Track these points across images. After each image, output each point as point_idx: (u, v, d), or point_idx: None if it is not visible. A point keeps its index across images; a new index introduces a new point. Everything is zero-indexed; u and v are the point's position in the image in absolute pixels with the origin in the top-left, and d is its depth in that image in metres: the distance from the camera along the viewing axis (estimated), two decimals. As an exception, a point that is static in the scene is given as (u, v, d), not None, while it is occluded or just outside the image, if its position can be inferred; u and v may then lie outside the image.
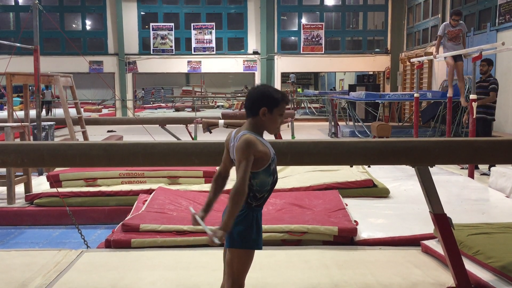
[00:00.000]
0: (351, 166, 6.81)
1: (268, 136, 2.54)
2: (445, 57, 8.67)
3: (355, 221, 4.50)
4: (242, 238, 2.32)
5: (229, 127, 7.94)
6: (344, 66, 21.76)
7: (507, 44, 7.70)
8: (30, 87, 10.49)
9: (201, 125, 8.41)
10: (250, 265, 2.40)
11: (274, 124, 2.39)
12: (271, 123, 2.37)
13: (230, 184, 2.42)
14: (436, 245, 3.83)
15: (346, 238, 4.24)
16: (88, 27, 22.23)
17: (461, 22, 8.62)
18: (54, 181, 5.91)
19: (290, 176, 6.59)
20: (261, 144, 2.31)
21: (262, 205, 2.40)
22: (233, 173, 2.38)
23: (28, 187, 6.13)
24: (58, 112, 21.02)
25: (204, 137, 8.32)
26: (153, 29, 21.10)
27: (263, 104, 2.33)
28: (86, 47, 21.15)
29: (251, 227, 2.34)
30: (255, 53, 21.01)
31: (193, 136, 8.94)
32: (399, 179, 6.69)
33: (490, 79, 7.68)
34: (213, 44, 21.16)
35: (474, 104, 6.94)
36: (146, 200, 5.24)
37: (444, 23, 8.79)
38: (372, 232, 4.37)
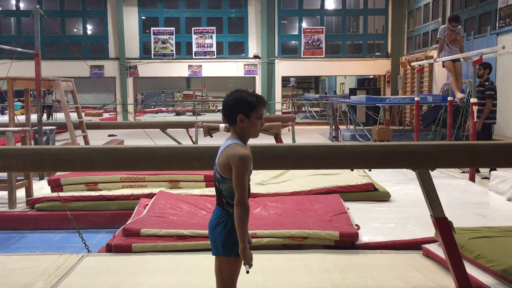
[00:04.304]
0: (352, 170, 6.83)
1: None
2: (443, 63, 8.63)
3: (356, 225, 4.50)
4: (226, 245, 2.30)
5: (229, 131, 7.94)
6: (345, 70, 21.76)
7: (507, 48, 7.69)
8: (31, 92, 10.52)
9: (202, 129, 8.42)
10: (239, 270, 2.38)
11: (254, 128, 2.35)
12: (251, 128, 2.33)
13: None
14: (437, 249, 3.82)
15: (347, 242, 4.24)
16: (89, 32, 22.26)
17: (459, 26, 8.65)
18: (55, 186, 5.92)
19: (291, 180, 6.60)
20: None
21: None
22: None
23: (29, 192, 6.13)
24: (59, 116, 21.08)
25: (205, 141, 8.31)
26: (154, 34, 21.14)
27: (239, 111, 2.29)
28: (87, 52, 21.19)
29: (234, 233, 2.29)
30: (255, 57, 21.03)
31: (194, 140, 8.94)
32: (400, 182, 6.69)
33: (486, 84, 7.66)
34: (214, 48, 21.19)
35: (475, 108, 6.95)
36: (147, 205, 5.24)
37: (442, 26, 8.80)
38: (373, 236, 4.37)
